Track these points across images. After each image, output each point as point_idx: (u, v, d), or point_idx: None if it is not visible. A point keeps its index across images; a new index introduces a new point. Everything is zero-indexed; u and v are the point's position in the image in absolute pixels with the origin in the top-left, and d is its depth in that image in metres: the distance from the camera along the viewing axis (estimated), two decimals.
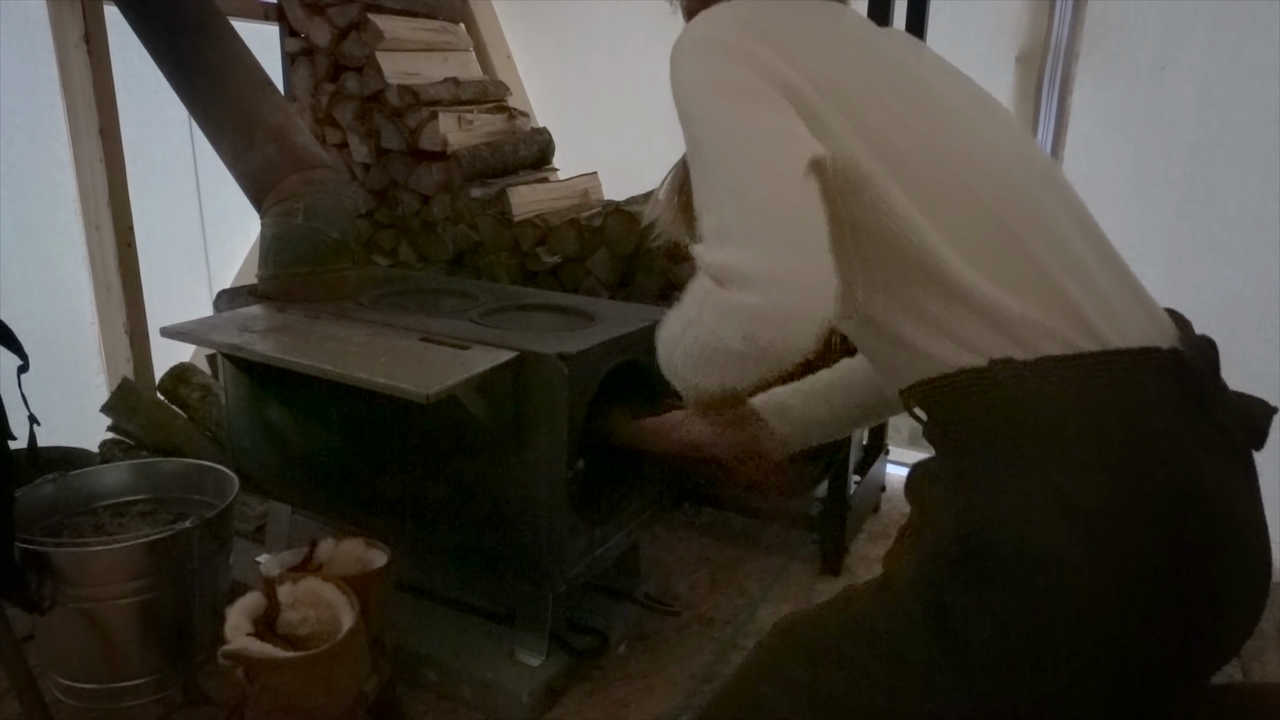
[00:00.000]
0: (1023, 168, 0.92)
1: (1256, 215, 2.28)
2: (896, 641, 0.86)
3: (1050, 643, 0.79)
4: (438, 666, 1.66)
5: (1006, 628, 0.79)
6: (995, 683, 0.82)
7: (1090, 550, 0.76)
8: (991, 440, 0.82)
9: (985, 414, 0.82)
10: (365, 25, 2.48)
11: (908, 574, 0.88)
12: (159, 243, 2.69)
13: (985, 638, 0.80)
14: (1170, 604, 0.78)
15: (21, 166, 2.36)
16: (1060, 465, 0.77)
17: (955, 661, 0.83)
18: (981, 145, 0.91)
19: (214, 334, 1.64)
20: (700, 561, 2.18)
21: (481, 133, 2.59)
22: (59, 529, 1.64)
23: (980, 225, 0.86)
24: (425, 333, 1.62)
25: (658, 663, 1.77)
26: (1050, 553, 0.77)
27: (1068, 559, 0.76)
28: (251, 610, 1.32)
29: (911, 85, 0.92)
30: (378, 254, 2.65)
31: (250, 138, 1.87)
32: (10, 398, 1.41)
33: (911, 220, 0.84)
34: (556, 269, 2.37)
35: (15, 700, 1.37)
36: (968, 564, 0.81)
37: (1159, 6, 2.30)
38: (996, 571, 0.79)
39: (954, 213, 0.86)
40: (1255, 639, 1.92)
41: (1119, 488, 0.76)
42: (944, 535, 0.84)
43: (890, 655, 0.87)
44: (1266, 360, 2.32)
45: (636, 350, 1.67)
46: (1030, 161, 0.94)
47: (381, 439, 1.72)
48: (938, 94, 0.93)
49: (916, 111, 0.89)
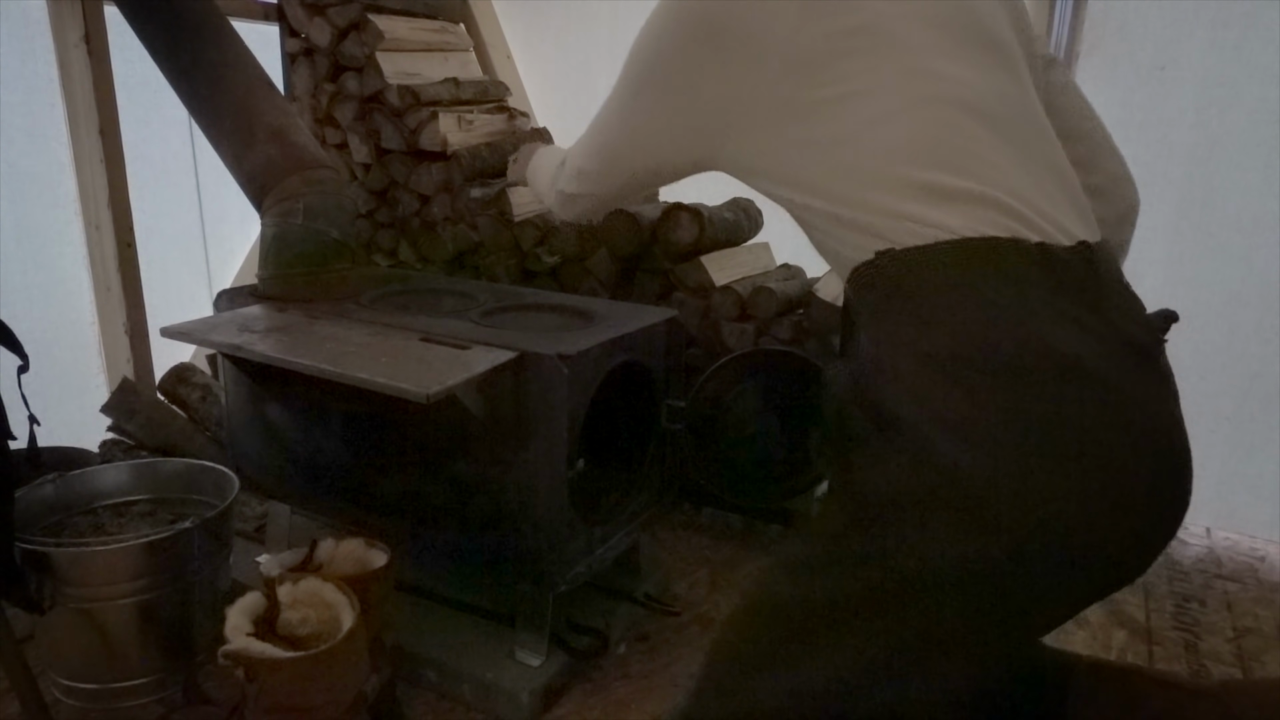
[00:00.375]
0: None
1: (1256, 215, 2.28)
2: (818, 528, 1.01)
3: (937, 493, 0.89)
4: (438, 666, 1.66)
5: (895, 479, 0.91)
6: (893, 535, 0.91)
7: (947, 392, 0.88)
8: (877, 315, 0.97)
9: (873, 295, 0.97)
10: (365, 25, 2.48)
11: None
12: (159, 243, 2.69)
13: (878, 488, 0.93)
14: (1018, 437, 0.87)
15: (21, 166, 2.36)
16: (918, 327, 0.92)
17: (862, 529, 0.94)
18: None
19: (214, 334, 1.64)
20: (700, 561, 2.18)
21: (481, 133, 2.59)
22: (59, 529, 1.64)
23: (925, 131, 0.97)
24: (425, 333, 1.62)
25: (658, 663, 1.77)
26: (913, 398, 0.90)
27: (930, 399, 0.89)
28: (251, 610, 1.32)
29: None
30: (378, 254, 2.65)
31: (250, 138, 1.87)
32: (10, 398, 1.41)
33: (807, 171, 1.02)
34: (556, 269, 2.37)
35: (15, 700, 1.37)
36: (865, 436, 0.95)
37: (1159, 6, 2.30)
38: (883, 428, 0.93)
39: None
40: (1255, 638, 1.93)
41: (966, 341, 0.89)
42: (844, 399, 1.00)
43: (816, 542, 1.00)
44: (1266, 360, 2.32)
45: (636, 350, 1.67)
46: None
47: (382, 439, 1.72)
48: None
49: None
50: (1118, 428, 0.88)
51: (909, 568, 0.90)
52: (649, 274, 2.31)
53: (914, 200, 0.93)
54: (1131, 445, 0.89)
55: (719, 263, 2.29)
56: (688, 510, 2.41)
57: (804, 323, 2.17)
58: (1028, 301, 0.88)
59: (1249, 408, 2.36)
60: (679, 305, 2.24)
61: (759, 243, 2.52)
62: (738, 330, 2.20)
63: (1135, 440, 0.89)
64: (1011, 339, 0.87)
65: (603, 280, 2.31)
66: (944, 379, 0.88)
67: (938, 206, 0.92)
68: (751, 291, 2.19)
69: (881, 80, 0.96)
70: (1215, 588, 2.15)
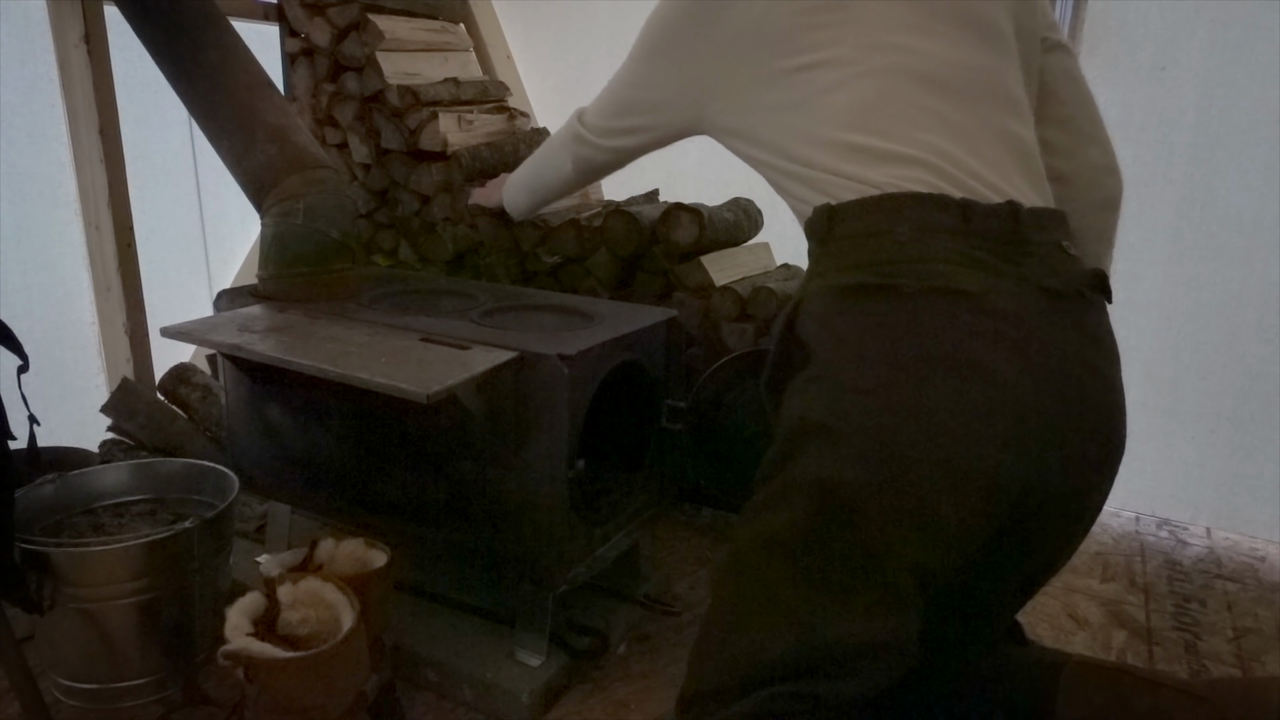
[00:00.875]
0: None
1: (1256, 215, 2.28)
2: (762, 471, 1.08)
3: (842, 412, 0.98)
4: (438, 666, 1.66)
5: (807, 405, 1.01)
6: (812, 458, 1.00)
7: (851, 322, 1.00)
8: (811, 259, 1.12)
9: (813, 243, 1.11)
10: (365, 25, 2.48)
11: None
12: (159, 243, 2.69)
13: (793, 416, 1.03)
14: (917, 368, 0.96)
15: (21, 166, 2.36)
16: (836, 267, 1.04)
17: (786, 452, 1.03)
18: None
19: (214, 334, 1.64)
20: (700, 561, 2.18)
21: (481, 133, 2.59)
22: (59, 529, 1.64)
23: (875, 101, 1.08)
24: (425, 333, 1.62)
25: (658, 663, 1.77)
26: (819, 324, 1.03)
27: (830, 323, 1.01)
28: (251, 610, 1.32)
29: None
30: (378, 254, 2.65)
31: (250, 138, 1.87)
32: (10, 398, 1.41)
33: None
34: (556, 269, 2.37)
35: (15, 700, 1.37)
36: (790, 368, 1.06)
37: (1159, 6, 2.30)
38: (802, 365, 1.04)
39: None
40: (1255, 639, 1.93)
41: (870, 273, 1.00)
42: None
43: (762, 482, 1.08)
44: (1266, 361, 2.32)
45: (636, 350, 1.67)
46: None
47: (382, 439, 1.72)
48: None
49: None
50: (1015, 358, 0.94)
51: (827, 484, 0.98)
52: (649, 274, 2.31)
53: (850, 161, 1.05)
54: (1031, 377, 0.95)
55: (719, 263, 2.29)
56: (688, 510, 2.41)
57: None
58: (936, 244, 0.98)
59: (1249, 408, 2.35)
60: (679, 305, 2.24)
61: (759, 243, 2.52)
62: (738, 330, 2.20)
63: (1036, 375, 0.95)
64: (912, 273, 0.97)
65: (603, 280, 2.31)
66: (845, 305, 1.01)
67: (870, 166, 1.04)
68: (751, 291, 2.19)
69: (840, 53, 1.08)
70: (1215, 588, 2.15)
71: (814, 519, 0.99)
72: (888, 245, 0.99)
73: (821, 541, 0.99)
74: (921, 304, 0.96)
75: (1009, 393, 0.94)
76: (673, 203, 2.29)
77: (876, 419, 0.95)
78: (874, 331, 0.98)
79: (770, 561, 1.03)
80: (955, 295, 0.95)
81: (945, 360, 0.94)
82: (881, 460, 0.95)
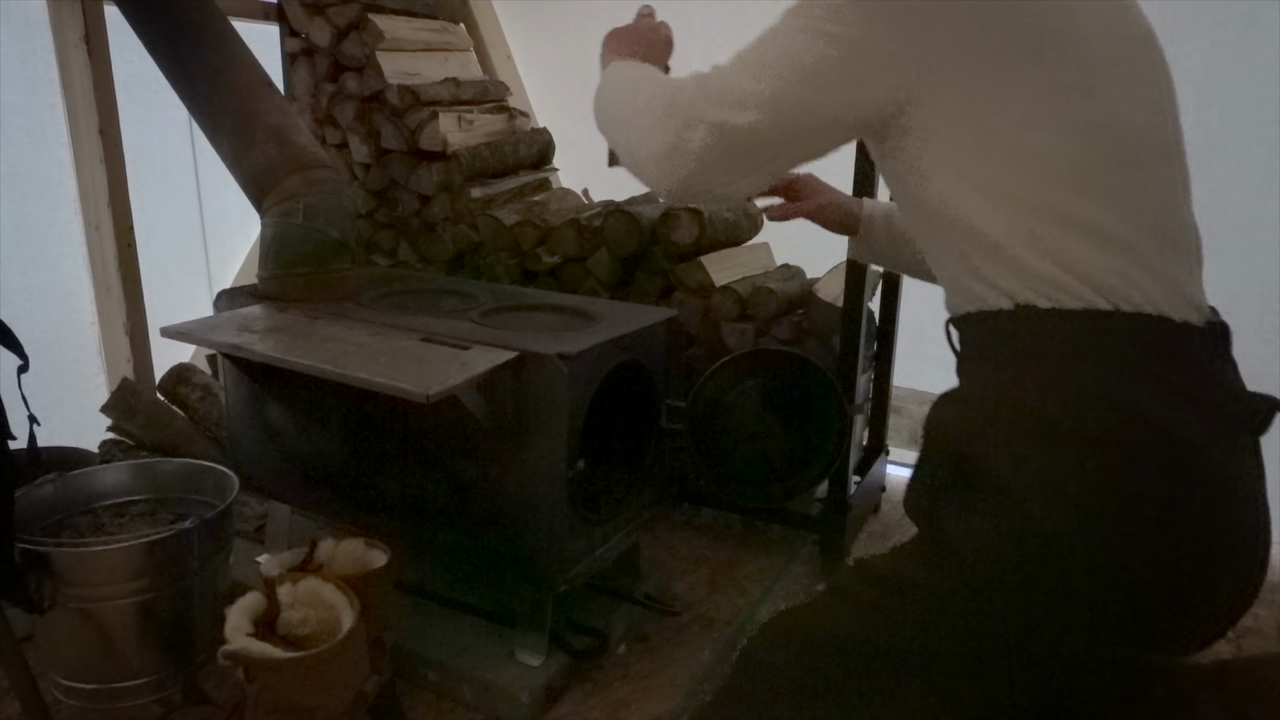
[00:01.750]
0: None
1: (1256, 215, 2.28)
2: (898, 572, 0.98)
3: (1036, 560, 0.86)
4: (438, 666, 1.66)
5: (996, 548, 0.88)
6: (985, 604, 0.90)
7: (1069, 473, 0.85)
8: (1001, 365, 0.93)
9: (1001, 344, 0.94)
10: (365, 25, 2.48)
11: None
12: (159, 243, 2.69)
13: (976, 559, 0.89)
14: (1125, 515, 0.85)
15: (21, 166, 2.36)
16: (1033, 388, 0.89)
17: (950, 585, 0.92)
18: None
19: (214, 334, 1.64)
20: (700, 561, 2.18)
21: (481, 133, 2.59)
22: (59, 529, 1.64)
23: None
24: (425, 333, 1.62)
25: (658, 663, 1.77)
26: (1034, 474, 0.86)
27: (1029, 461, 0.87)
28: (251, 610, 1.32)
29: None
30: (378, 254, 2.65)
31: (250, 138, 1.87)
32: (10, 398, 1.41)
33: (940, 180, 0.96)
34: (556, 269, 2.37)
35: (15, 700, 1.37)
36: (962, 487, 0.91)
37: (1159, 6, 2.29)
38: (973, 482, 0.90)
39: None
40: (1255, 639, 1.93)
41: (1075, 409, 0.87)
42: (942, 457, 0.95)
43: (894, 587, 0.97)
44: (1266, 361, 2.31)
45: (636, 350, 1.67)
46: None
47: (381, 439, 1.72)
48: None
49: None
50: (1213, 506, 0.87)
51: (1008, 628, 0.90)
52: (649, 274, 2.31)
53: (1064, 236, 0.91)
54: (1222, 523, 0.88)
55: (719, 263, 2.29)
56: (688, 510, 2.41)
57: (804, 323, 2.17)
58: (1146, 379, 0.87)
59: None
60: (679, 305, 2.24)
61: (759, 243, 2.52)
62: (738, 330, 2.20)
63: (1226, 518, 0.88)
64: (1118, 412, 0.86)
65: (603, 280, 2.31)
66: (1046, 444, 0.87)
67: (1085, 249, 0.90)
68: (751, 291, 2.19)
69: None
70: None
71: (999, 654, 0.93)
72: (1092, 373, 0.88)
73: (994, 673, 0.94)
74: (1134, 453, 0.86)
75: (1213, 550, 0.88)
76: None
77: (1098, 578, 0.86)
78: (1087, 481, 0.86)
79: (899, 669, 0.97)
80: (1166, 439, 0.86)
81: (1161, 515, 0.86)
82: (1096, 619, 0.88)
